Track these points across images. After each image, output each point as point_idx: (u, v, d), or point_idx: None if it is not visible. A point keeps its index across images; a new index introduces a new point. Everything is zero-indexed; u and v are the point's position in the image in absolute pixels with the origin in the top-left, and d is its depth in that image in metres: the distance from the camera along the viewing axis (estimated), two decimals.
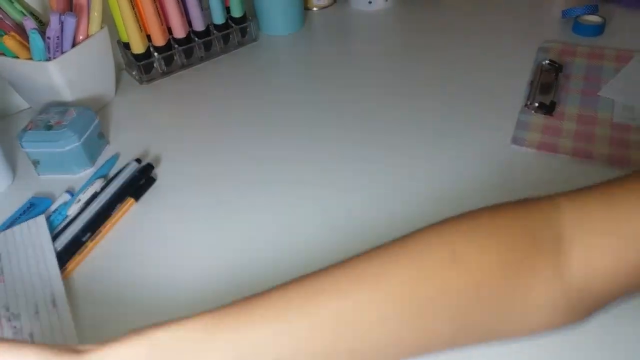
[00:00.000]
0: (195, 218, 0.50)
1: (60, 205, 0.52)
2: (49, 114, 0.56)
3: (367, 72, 0.70)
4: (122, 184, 0.53)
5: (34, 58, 0.58)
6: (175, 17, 0.70)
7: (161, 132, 0.62)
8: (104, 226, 0.49)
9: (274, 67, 0.75)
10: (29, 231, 0.48)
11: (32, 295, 0.42)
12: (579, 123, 0.57)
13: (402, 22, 0.85)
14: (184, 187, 0.54)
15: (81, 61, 0.61)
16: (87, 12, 0.61)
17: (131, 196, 0.52)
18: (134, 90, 0.71)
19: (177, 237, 0.48)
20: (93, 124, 0.57)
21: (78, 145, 0.55)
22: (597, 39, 0.73)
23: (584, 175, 0.51)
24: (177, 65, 0.74)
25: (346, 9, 0.89)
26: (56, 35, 0.57)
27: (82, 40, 0.61)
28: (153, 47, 0.71)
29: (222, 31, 0.76)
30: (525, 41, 0.73)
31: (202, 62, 0.75)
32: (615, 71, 0.65)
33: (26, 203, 0.53)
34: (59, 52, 0.58)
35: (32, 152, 0.55)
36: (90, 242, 0.48)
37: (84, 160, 0.56)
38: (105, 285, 0.45)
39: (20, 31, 0.58)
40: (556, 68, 0.65)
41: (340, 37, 0.82)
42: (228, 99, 0.68)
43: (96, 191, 0.53)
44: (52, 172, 0.56)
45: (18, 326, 0.40)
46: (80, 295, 0.44)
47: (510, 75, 0.66)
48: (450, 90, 0.65)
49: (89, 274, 0.46)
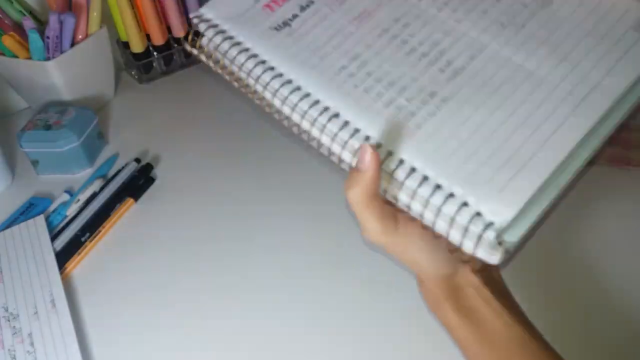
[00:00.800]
0: (195, 218, 0.50)
1: (60, 205, 0.52)
2: (48, 113, 0.56)
3: None
4: (122, 184, 0.53)
5: (33, 58, 0.58)
6: (175, 16, 0.70)
7: (161, 131, 0.62)
8: (103, 226, 0.49)
9: None
10: (28, 231, 0.48)
11: (31, 296, 0.42)
12: None
13: None
14: (184, 187, 0.54)
15: (80, 61, 0.61)
16: (86, 12, 0.61)
17: (130, 196, 0.52)
18: (133, 89, 0.71)
19: (176, 237, 0.48)
20: (92, 123, 0.57)
21: (77, 145, 0.55)
22: None
23: (584, 175, 0.51)
24: (176, 64, 0.74)
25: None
26: (55, 34, 0.57)
27: (82, 40, 0.61)
28: (152, 47, 0.71)
29: None
30: None
31: None
32: None
33: (25, 203, 0.53)
34: (58, 52, 0.58)
35: (31, 152, 0.55)
36: (89, 242, 0.48)
37: (83, 160, 0.56)
38: (105, 285, 0.44)
39: (19, 31, 0.58)
40: None
41: None
42: (228, 98, 0.68)
43: (95, 191, 0.52)
44: (51, 172, 0.56)
45: (17, 326, 0.40)
46: (79, 295, 0.44)
47: None
48: None
49: (88, 274, 0.45)
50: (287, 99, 0.32)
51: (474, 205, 0.27)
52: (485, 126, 0.29)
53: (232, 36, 0.34)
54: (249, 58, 0.33)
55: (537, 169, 0.28)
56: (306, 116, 0.31)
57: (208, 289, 0.43)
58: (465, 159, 0.28)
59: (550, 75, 0.31)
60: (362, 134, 0.30)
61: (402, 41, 0.33)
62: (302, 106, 0.31)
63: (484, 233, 0.26)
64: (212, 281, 0.44)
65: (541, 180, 0.28)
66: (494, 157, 0.28)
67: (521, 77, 0.31)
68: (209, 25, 0.35)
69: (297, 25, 0.35)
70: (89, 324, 0.41)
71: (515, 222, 0.27)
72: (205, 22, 0.36)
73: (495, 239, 0.27)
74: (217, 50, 0.35)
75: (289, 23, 0.35)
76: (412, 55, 0.33)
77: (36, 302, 0.42)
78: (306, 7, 0.35)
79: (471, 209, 0.27)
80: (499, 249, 0.27)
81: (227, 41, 0.34)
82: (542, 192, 0.28)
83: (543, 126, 0.29)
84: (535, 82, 0.31)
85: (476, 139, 0.29)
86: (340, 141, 0.30)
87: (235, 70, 0.34)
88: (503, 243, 0.27)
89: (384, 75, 0.32)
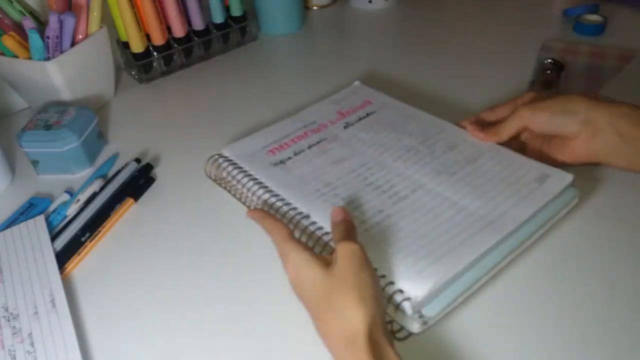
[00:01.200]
0: (195, 218, 0.50)
1: (60, 205, 0.52)
2: (48, 113, 0.56)
3: (369, 67, 0.70)
4: (122, 184, 0.53)
5: (33, 58, 0.58)
6: (175, 17, 0.70)
7: (160, 131, 0.62)
8: (103, 226, 0.49)
9: (274, 66, 0.75)
10: (28, 231, 0.48)
11: (30, 296, 0.42)
12: None
13: (403, 20, 0.84)
14: (184, 187, 0.54)
15: (80, 61, 0.61)
16: (86, 12, 0.61)
17: (130, 196, 0.52)
18: (133, 89, 0.71)
19: (176, 237, 0.48)
20: (92, 123, 0.57)
21: (77, 145, 0.55)
22: (597, 38, 0.72)
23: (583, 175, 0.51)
24: (176, 64, 0.74)
25: (346, 7, 0.88)
26: (55, 34, 0.57)
27: (81, 40, 0.61)
28: (152, 47, 0.71)
29: (222, 30, 0.75)
30: (528, 40, 0.73)
31: (202, 61, 0.75)
32: (617, 71, 0.65)
33: (25, 203, 0.53)
34: (58, 52, 0.58)
35: (31, 152, 0.55)
36: (89, 242, 0.48)
37: (83, 160, 0.56)
38: (105, 285, 0.44)
39: (19, 31, 0.58)
40: (558, 67, 0.65)
41: (340, 36, 0.82)
42: (227, 98, 0.68)
43: (95, 191, 0.52)
44: (51, 172, 0.56)
45: (17, 326, 0.40)
46: (79, 295, 0.44)
47: (512, 73, 0.66)
48: (451, 89, 0.65)
49: (88, 274, 0.45)
50: (273, 204, 0.45)
51: (397, 284, 0.37)
52: (416, 232, 0.41)
53: (241, 167, 0.50)
54: (252, 181, 0.48)
55: (450, 263, 0.38)
56: (285, 216, 0.44)
57: (208, 288, 0.43)
58: (398, 253, 0.39)
59: (470, 205, 0.43)
60: (324, 230, 0.42)
61: (364, 177, 0.47)
62: (284, 208, 0.45)
63: (402, 304, 0.36)
64: (212, 281, 0.44)
65: (452, 271, 0.37)
66: (419, 251, 0.39)
67: (447, 204, 0.43)
68: (226, 160, 0.51)
69: (290, 164, 0.50)
70: (89, 324, 0.41)
71: (431, 299, 0.37)
72: (223, 158, 0.52)
73: (411, 309, 0.36)
74: (230, 175, 0.50)
75: (284, 162, 0.50)
76: (370, 186, 0.46)
77: (36, 302, 0.42)
78: (299, 153, 0.51)
79: (395, 286, 0.37)
80: (417, 319, 0.36)
81: (237, 170, 0.50)
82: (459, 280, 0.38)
83: (459, 235, 0.40)
84: (457, 208, 0.43)
85: (407, 240, 0.40)
86: (307, 232, 0.42)
87: (240, 188, 0.49)
88: (423, 316, 0.36)
89: (347, 197, 0.45)
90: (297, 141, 0.52)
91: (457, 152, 0.49)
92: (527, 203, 0.42)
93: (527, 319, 0.38)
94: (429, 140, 0.51)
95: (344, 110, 0.57)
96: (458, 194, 0.44)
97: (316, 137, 0.53)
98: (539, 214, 0.43)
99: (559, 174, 0.45)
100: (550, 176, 0.45)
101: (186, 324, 0.41)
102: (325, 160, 0.49)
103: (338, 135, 0.53)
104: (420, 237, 0.40)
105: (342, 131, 0.54)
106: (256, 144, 0.52)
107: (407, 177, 0.46)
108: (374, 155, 0.50)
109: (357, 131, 0.53)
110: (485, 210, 0.42)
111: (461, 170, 0.46)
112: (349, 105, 0.57)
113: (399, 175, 0.47)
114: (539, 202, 0.43)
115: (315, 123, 0.55)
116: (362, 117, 0.55)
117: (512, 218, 0.41)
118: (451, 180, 0.45)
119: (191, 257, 0.46)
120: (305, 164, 0.49)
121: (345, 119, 0.55)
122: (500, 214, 0.42)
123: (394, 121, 0.54)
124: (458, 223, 0.41)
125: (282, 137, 0.53)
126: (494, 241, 0.39)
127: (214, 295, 0.43)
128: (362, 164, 0.49)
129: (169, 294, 0.43)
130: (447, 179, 0.46)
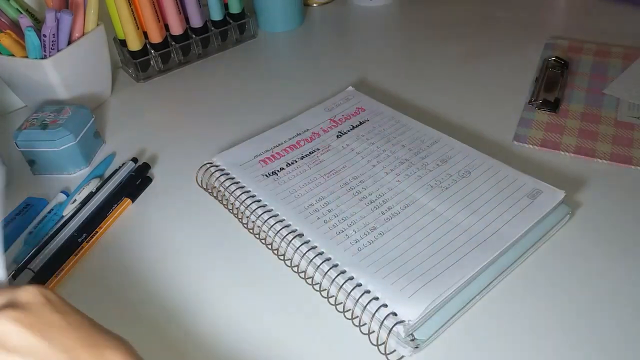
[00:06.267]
0: (193, 218, 0.49)
1: (56, 206, 0.51)
2: (44, 112, 0.56)
3: (368, 68, 0.69)
4: (118, 184, 0.53)
5: (29, 56, 0.57)
6: (172, 14, 0.69)
7: (158, 131, 0.62)
8: (100, 227, 0.49)
9: (272, 64, 0.74)
10: None
11: None
12: (583, 121, 0.56)
13: (404, 17, 0.84)
14: (181, 187, 0.53)
15: (77, 59, 0.60)
16: (83, 10, 0.60)
17: (127, 196, 0.51)
18: (130, 88, 0.70)
19: (174, 237, 0.48)
20: (89, 122, 0.56)
21: (74, 144, 0.54)
22: (604, 36, 0.71)
23: (586, 174, 0.50)
24: (174, 62, 0.73)
25: (347, 4, 0.87)
26: (52, 33, 0.56)
27: (78, 38, 0.60)
28: (150, 44, 0.70)
29: (220, 28, 0.75)
30: (532, 37, 0.72)
31: (200, 59, 0.75)
32: (622, 69, 0.64)
33: (22, 203, 0.52)
34: (54, 50, 0.58)
35: (28, 152, 0.55)
36: (86, 242, 0.47)
37: (79, 160, 0.56)
38: (101, 286, 0.44)
39: (15, 29, 0.58)
40: (562, 65, 0.64)
41: (340, 33, 0.81)
42: (226, 97, 0.67)
43: (92, 191, 0.52)
44: (47, 171, 0.56)
45: None
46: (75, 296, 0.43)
47: (515, 71, 0.66)
48: (453, 86, 0.64)
49: (85, 275, 0.45)
50: (266, 221, 0.45)
51: (390, 307, 0.36)
52: (408, 252, 0.40)
53: (233, 177, 0.49)
54: (244, 193, 0.48)
55: (443, 284, 0.37)
56: (278, 234, 0.44)
57: (207, 288, 0.43)
58: (389, 273, 0.39)
59: (462, 222, 0.42)
60: (317, 250, 0.41)
61: (357, 191, 0.47)
62: (276, 227, 0.44)
63: (395, 327, 0.35)
64: (211, 280, 0.43)
65: (445, 293, 0.37)
66: (412, 273, 0.38)
67: (440, 221, 0.43)
68: (218, 169, 0.51)
69: (282, 175, 0.49)
70: None
71: (424, 322, 0.37)
72: (215, 167, 0.51)
73: (404, 332, 0.35)
74: (222, 186, 0.49)
75: (277, 173, 0.49)
76: (362, 201, 0.46)
77: None
78: (291, 164, 0.50)
79: (388, 309, 0.36)
80: (409, 342, 0.36)
81: (229, 180, 0.49)
82: (451, 301, 0.38)
83: (452, 255, 0.40)
84: (450, 226, 0.42)
85: (399, 260, 0.40)
86: (300, 252, 0.42)
87: (232, 200, 0.48)
88: (415, 339, 0.36)
89: (339, 212, 0.45)
90: (290, 151, 0.52)
91: (450, 164, 0.48)
92: (520, 220, 0.42)
93: (520, 336, 0.38)
94: (422, 153, 0.50)
95: (336, 118, 0.56)
96: (451, 210, 0.44)
97: (309, 147, 0.53)
98: (532, 232, 0.42)
99: (550, 190, 0.45)
100: (543, 192, 0.44)
101: (185, 323, 0.40)
102: (318, 172, 0.49)
103: (330, 145, 0.53)
104: (412, 257, 0.40)
105: (335, 140, 0.53)
106: (248, 153, 0.52)
107: (400, 192, 0.46)
108: (367, 167, 0.49)
109: (350, 141, 0.53)
110: (478, 227, 0.42)
111: (454, 185, 0.46)
112: (341, 113, 0.57)
113: (391, 189, 0.46)
114: (531, 219, 0.42)
115: (308, 131, 0.55)
116: (355, 126, 0.55)
117: (504, 236, 0.41)
118: (444, 195, 0.45)
119: (189, 258, 0.46)
120: (298, 176, 0.49)
121: (338, 127, 0.55)
122: (493, 231, 0.41)
123: (387, 131, 0.54)
124: (450, 241, 0.41)
125: (274, 145, 0.53)
126: (486, 260, 0.39)
127: (213, 294, 0.42)
128: (354, 176, 0.48)
129: (166, 295, 0.42)
130: (439, 193, 0.45)
